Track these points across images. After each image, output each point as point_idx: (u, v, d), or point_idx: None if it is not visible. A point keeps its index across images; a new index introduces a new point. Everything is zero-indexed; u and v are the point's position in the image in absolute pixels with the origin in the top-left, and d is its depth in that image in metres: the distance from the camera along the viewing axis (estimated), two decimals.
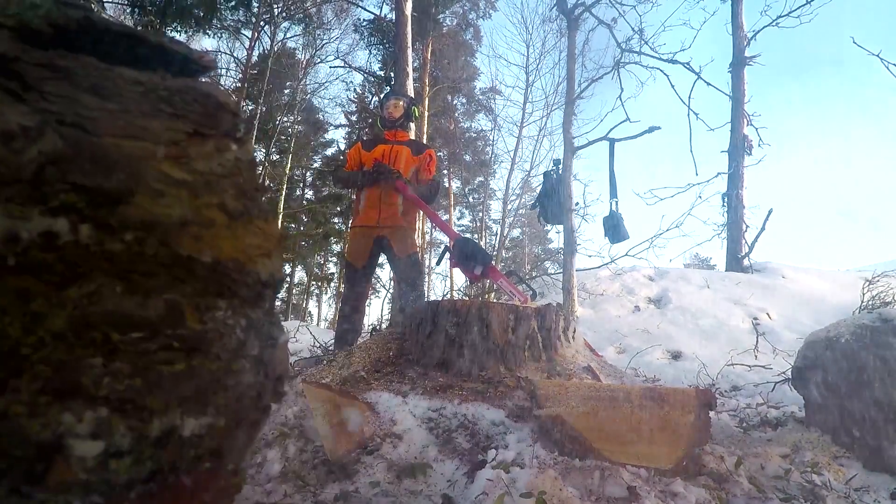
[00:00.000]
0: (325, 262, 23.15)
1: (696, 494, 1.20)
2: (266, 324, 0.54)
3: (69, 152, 0.41)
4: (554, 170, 5.22)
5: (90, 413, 0.40)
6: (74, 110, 0.43)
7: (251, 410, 0.53)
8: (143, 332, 0.43)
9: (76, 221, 0.41)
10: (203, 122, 0.52)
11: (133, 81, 0.49)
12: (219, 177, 0.51)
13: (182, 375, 0.46)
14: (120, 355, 0.42)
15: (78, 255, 0.41)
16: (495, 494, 1.10)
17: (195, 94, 0.53)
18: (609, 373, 2.29)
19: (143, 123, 0.47)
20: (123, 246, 0.43)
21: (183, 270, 0.46)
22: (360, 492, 1.30)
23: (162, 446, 0.45)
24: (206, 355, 0.48)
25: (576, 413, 1.40)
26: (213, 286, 0.48)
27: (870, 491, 1.40)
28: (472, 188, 20.05)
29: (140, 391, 0.43)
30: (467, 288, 11.33)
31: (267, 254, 0.53)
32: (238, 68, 14.77)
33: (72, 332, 0.40)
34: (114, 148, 0.44)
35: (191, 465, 0.48)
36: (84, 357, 0.40)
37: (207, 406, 0.48)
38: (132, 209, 0.43)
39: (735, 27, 7.93)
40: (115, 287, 0.42)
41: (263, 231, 0.54)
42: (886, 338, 1.56)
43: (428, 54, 13.64)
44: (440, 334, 2.09)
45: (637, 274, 6.17)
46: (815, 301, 5.14)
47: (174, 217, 0.46)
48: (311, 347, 3.96)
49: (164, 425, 0.44)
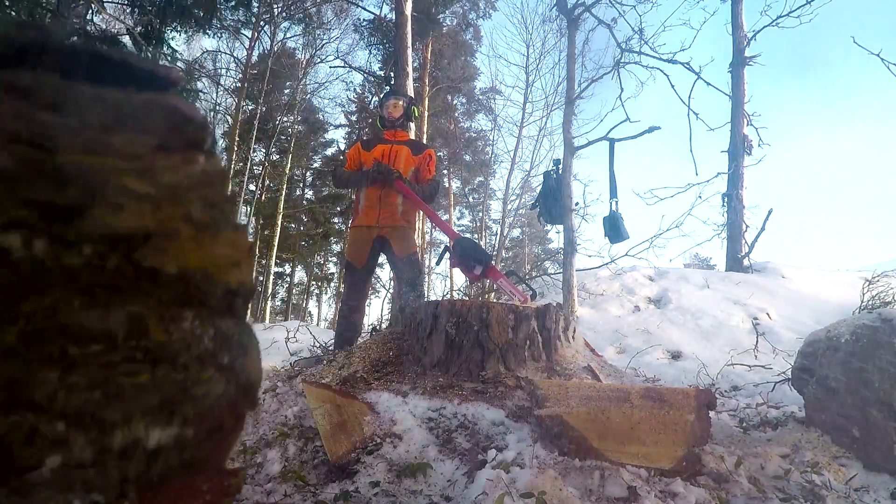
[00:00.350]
0: (325, 262, 23.16)
1: (696, 494, 1.20)
2: (237, 333, 0.54)
3: (18, 170, 0.41)
4: (554, 170, 5.22)
5: (45, 427, 0.41)
6: (30, 128, 0.43)
7: (223, 420, 0.53)
8: (103, 344, 0.43)
9: (29, 237, 0.41)
10: (168, 136, 0.52)
11: (96, 98, 0.49)
12: (185, 189, 0.51)
13: (146, 387, 0.46)
14: (78, 368, 0.42)
15: (32, 270, 0.41)
16: (495, 494, 1.10)
17: (160, 108, 0.53)
18: (609, 373, 2.29)
19: (105, 139, 0.47)
20: (82, 260, 0.43)
21: (146, 282, 0.46)
22: (360, 492, 1.30)
23: (127, 458, 0.45)
24: (172, 365, 0.48)
25: (576, 413, 1.40)
26: (178, 296, 0.49)
27: (870, 491, 1.40)
28: (472, 188, 20.05)
29: (99, 403, 0.43)
30: (467, 288, 11.33)
31: (236, 263, 0.54)
32: (238, 68, 14.77)
33: (24, 346, 0.40)
34: (70, 164, 0.44)
35: (161, 476, 0.48)
36: (38, 372, 0.40)
37: (174, 416, 0.48)
38: (89, 223, 0.43)
39: (735, 27, 7.93)
40: (73, 301, 0.42)
41: (232, 241, 0.54)
42: (886, 338, 1.56)
43: (428, 54, 13.65)
44: (440, 334, 2.09)
45: (637, 274, 6.17)
46: (815, 301, 5.14)
47: (136, 230, 0.46)
48: (311, 347, 3.96)
49: (126, 437, 0.45)
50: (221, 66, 15.54)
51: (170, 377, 0.47)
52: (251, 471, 1.44)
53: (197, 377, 0.50)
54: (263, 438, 1.63)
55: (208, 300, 0.51)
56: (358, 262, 2.99)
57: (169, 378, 0.47)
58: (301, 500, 1.30)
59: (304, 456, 1.52)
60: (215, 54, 15.05)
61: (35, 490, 0.40)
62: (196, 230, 0.50)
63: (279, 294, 21.66)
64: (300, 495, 1.32)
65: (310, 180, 21.50)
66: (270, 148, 15.87)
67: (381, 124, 3.26)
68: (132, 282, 0.45)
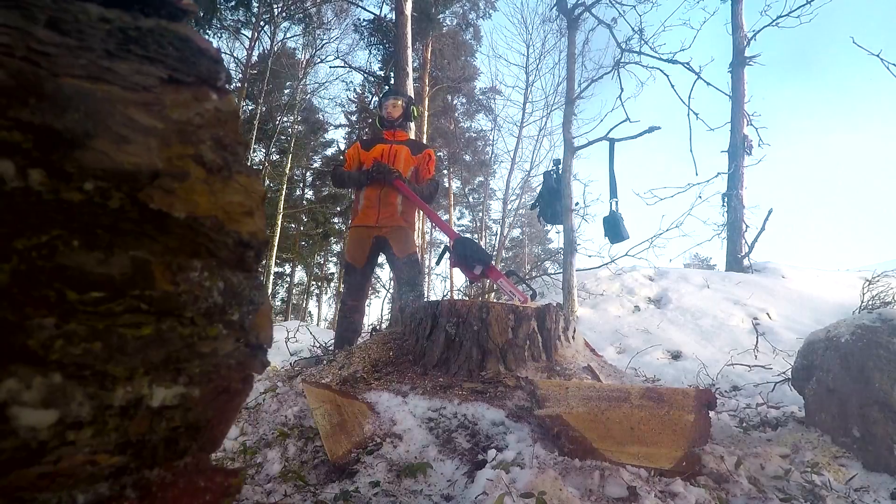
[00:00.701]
0: (325, 262, 23.16)
1: (696, 494, 1.20)
2: (247, 288, 0.50)
3: (12, 85, 0.37)
4: (554, 170, 5.22)
5: (40, 379, 0.37)
6: (26, 43, 0.39)
7: (231, 380, 0.49)
8: (104, 291, 0.39)
9: (24, 165, 0.37)
10: (179, 68, 0.47)
11: (99, 18, 0.44)
12: (196, 127, 0.46)
13: (150, 340, 0.42)
14: (77, 316, 0.38)
15: (27, 203, 0.37)
16: (495, 494, 1.10)
17: (171, 37, 0.48)
18: (609, 373, 2.29)
19: (109, 64, 0.43)
20: (83, 196, 0.39)
21: (152, 226, 0.42)
22: (361, 492, 1.30)
23: (129, 417, 0.41)
24: (179, 319, 0.44)
25: (576, 413, 1.40)
26: (187, 245, 0.44)
27: (870, 491, 1.40)
28: (472, 188, 20.06)
29: (100, 356, 0.39)
30: (467, 288, 11.33)
31: (249, 212, 0.49)
32: (238, 68, 14.76)
33: (18, 288, 0.36)
34: (70, 86, 0.39)
35: (164, 439, 0.45)
36: (33, 317, 0.36)
37: (180, 374, 0.44)
38: (91, 155, 0.39)
39: (735, 27, 7.93)
40: (71, 241, 0.38)
41: (245, 187, 0.49)
42: (886, 338, 1.56)
43: (428, 54, 13.65)
44: (440, 334, 2.09)
45: (637, 274, 6.17)
46: (815, 301, 5.14)
47: (142, 166, 0.42)
48: (311, 347, 3.96)
49: (129, 394, 0.41)
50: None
51: (175, 331, 0.44)
52: (251, 471, 1.44)
53: (204, 333, 0.46)
54: (263, 438, 1.63)
55: (218, 251, 0.47)
56: (357, 263, 2.99)
57: (174, 332, 0.44)
58: (301, 500, 1.30)
59: (304, 456, 1.52)
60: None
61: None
62: (207, 172, 0.46)
63: (279, 294, 21.67)
64: (300, 495, 1.32)
65: (310, 180, 21.50)
66: (270, 148, 15.86)
67: (380, 124, 3.26)
68: (136, 225, 0.41)
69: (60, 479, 0.39)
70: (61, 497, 0.39)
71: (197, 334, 0.45)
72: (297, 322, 7.34)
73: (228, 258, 0.48)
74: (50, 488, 0.39)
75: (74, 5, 0.44)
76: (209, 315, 0.46)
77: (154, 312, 0.42)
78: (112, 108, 0.41)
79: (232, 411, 0.51)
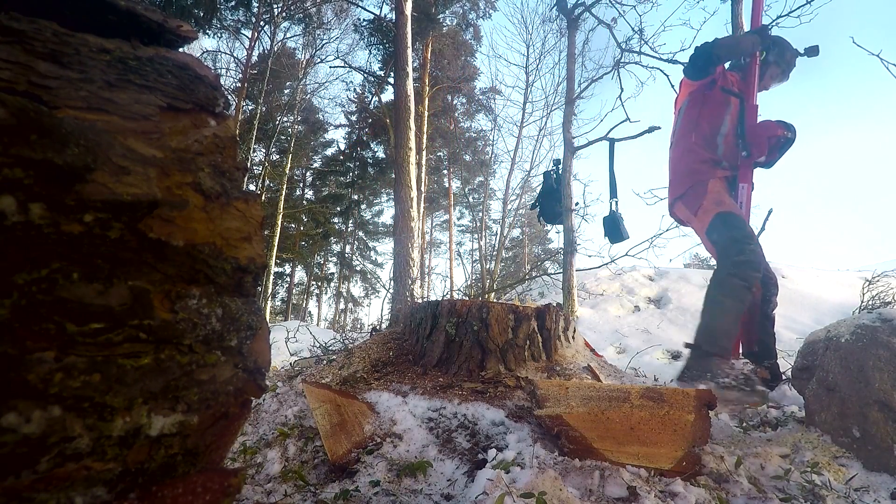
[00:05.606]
0: (325, 262, 23.16)
1: (696, 494, 1.20)
2: (245, 313, 0.50)
3: (14, 123, 0.37)
4: (554, 170, 5.22)
5: (39, 413, 0.36)
6: (27, 78, 0.39)
7: (229, 406, 0.49)
8: (103, 322, 0.39)
9: (25, 199, 0.37)
10: (178, 96, 0.47)
11: (99, 49, 0.44)
12: (194, 154, 0.47)
13: (149, 370, 0.42)
14: (77, 348, 0.38)
15: (28, 238, 0.37)
16: (495, 494, 1.10)
17: (170, 64, 0.48)
18: (609, 373, 2.29)
19: (109, 95, 0.43)
20: (83, 228, 0.39)
21: (151, 255, 0.42)
22: (361, 491, 1.30)
23: (127, 446, 0.41)
24: (177, 347, 0.44)
25: (576, 413, 1.40)
26: (185, 272, 0.45)
27: (870, 491, 1.40)
28: (472, 188, 20.05)
29: (99, 388, 0.39)
30: (467, 288, 11.33)
31: (246, 237, 0.50)
32: (238, 68, 14.76)
33: (19, 322, 0.36)
34: (70, 120, 0.40)
35: (162, 465, 0.45)
36: (33, 350, 0.37)
37: (178, 402, 0.44)
38: (91, 187, 0.39)
39: (735, 27, 7.89)
40: (71, 273, 0.38)
41: (243, 213, 0.50)
42: (886, 338, 1.56)
43: (428, 54, 13.66)
44: (440, 334, 2.09)
45: (637, 274, 6.17)
46: (815, 301, 5.14)
47: (141, 197, 0.42)
48: (311, 347, 3.96)
49: (127, 424, 0.41)
50: (221, 66, 15.52)
51: (174, 360, 0.44)
52: (251, 471, 1.44)
53: (203, 360, 0.46)
54: (263, 438, 1.63)
55: (216, 277, 0.47)
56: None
57: (173, 361, 0.44)
58: (301, 500, 1.30)
59: (304, 456, 1.52)
60: (215, 54, 15.01)
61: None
62: (205, 200, 0.47)
63: (279, 294, 21.66)
64: (300, 495, 1.32)
65: (310, 180, 21.51)
66: (270, 148, 15.86)
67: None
68: (136, 254, 0.42)
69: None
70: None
71: (195, 362, 0.46)
72: (297, 322, 7.34)
73: (227, 284, 0.49)
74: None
75: (75, 37, 0.44)
76: (208, 342, 0.47)
77: (153, 341, 0.43)
78: (112, 140, 0.42)
79: (231, 435, 0.51)
